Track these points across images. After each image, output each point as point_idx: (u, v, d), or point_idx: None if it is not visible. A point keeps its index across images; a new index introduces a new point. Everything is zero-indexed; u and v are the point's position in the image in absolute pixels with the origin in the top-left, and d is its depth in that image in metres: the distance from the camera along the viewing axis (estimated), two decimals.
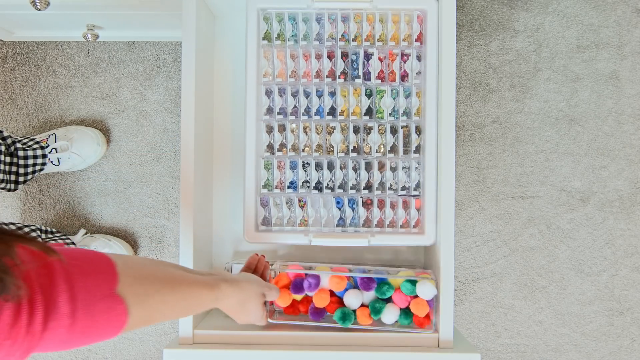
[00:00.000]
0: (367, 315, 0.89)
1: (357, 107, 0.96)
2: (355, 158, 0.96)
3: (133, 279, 0.57)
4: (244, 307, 0.77)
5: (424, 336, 0.88)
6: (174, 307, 0.63)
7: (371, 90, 0.95)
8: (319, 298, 0.89)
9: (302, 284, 0.90)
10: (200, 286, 0.68)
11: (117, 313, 0.54)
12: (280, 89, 0.96)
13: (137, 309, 0.57)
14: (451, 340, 0.87)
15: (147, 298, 0.59)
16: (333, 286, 0.89)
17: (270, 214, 0.95)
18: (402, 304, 0.88)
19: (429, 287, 0.87)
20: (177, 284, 0.64)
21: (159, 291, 0.61)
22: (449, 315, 0.87)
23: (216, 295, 0.71)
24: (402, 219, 0.95)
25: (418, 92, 0.95)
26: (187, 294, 0.65)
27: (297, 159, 0.96)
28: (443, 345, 0.87)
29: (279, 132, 0.96)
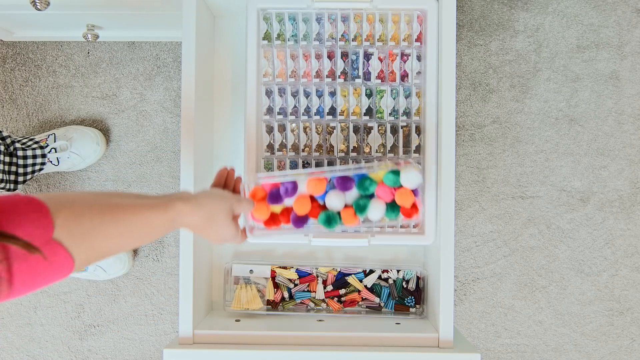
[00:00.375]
0: (352, 215, 0.83)
1: (357, 107, 0.96)
2: (355, 158, 0.96)
3: (67, 219, 0.54)
4: (211, 224, 0.71)
5: (424, 336, 0.88)
6: (121, 238, 0.60)
7: (371, 90, 0.95)
8: (299, 205, 0.83)
9: (278, 193, 0.83)
10: (149, 209, 0.63)
11: (58, 258, 0.52)
12: (280, 89, 0.96)
13: (80, 249, 0.55)
14: (451, 340, 0.87)
15: (87, 236, 0.56)
16: (312, 189, 0.83)
17: None
18: (386, 197, 0.82)
19: (414, 175, 0.81)
20: (120, 213, 0.60)
21: (98, 226, 0.57)
22: (449, 315, 0.87)
23: (171, 217, 0.65)
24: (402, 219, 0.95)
25: (418, 92, 0.95)
26: (133, 221, 0.60)
27: (297, 159, 0.96)
28: (443, 345, 0.87)
29: (279, 132, 0.96)
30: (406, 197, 0.82)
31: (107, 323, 1.20)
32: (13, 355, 1.20)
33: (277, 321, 0.96)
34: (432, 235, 0.91)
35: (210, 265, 1.05)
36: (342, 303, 1.02)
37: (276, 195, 0.83)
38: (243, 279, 1.01)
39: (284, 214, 0.85)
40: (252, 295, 0.99)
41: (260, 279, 1.01)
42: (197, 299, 0.93)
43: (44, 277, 0.52)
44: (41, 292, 1.20)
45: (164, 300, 1.19)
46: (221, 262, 1.06)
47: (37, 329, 1.20)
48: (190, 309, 0.89)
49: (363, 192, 0.83)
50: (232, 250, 1.06)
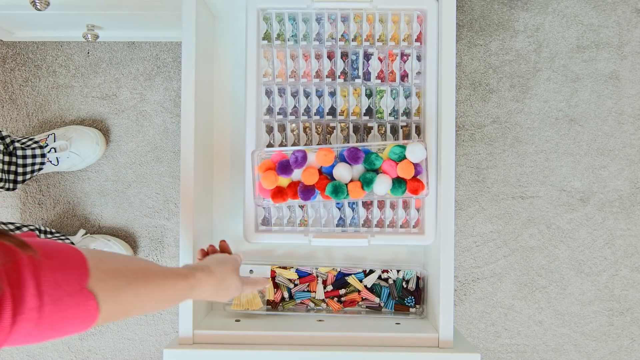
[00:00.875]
0: (359, 187, 0.85)
1: (357, 107, 0.96)
2: None
3: (104, 273, 0.57)
4: (222, 287, 0.76)
5: (423, 336, 0.88)
6: (147, 299, 0.63)
7: (371, 90, 0.95)
8: (307, 175, 0.84)
9: (288, 163, 0.84)
10: (175, 276, 0.68)
11: (87, 308, 0.54)
12: (280, 89, 0.96)
13: (108, 304, 0.57)
14: (451, 340, 0.87)
15: (119, 292, 0.58)
16: (321, 160, 0.84)
17: (270, 214, 0.95)
18: (392, 172, 0.85)
19: (420, 149, 0.84)
20: (151, 276, 0.64)
21: (131, 284, 0.60)
22: (449, 315, 0.87)
23: (191, 284, 0.70)
24: (402, 219, 0.95)
25: (418, 92, 0.95)
26: (160, 285, 0.65)
27: None
28: (443, 345, 0.87)
29: (279, 132, 0.96)
30: (408, 169, 0.85)
31: (107, 323, 1.20)
32: (13, 355, 1.20)
33: (277, 321, 0.96)
34: (432, 235, 0.91)
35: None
36: (342, 303, 1.02)
37: (285, 166, 0.84)
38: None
39: (290, 187, 0.86)
40: (252, 296, 0.99)
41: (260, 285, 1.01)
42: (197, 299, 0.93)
43: (69, 324, 0.54)
44: None
45: None
46: None
47: None
48: (190, 309, 0.89)
49: (369, 167, 0.85)
50: (233, 250, 1.06)
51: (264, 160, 0.86)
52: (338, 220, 0.96)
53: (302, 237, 0.92)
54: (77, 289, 0.53)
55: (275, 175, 0.85)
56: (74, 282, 0.53)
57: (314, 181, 0.85)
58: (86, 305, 0.54)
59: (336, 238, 0.92)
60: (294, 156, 0.84)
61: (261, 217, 0.95)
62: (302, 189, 0.85)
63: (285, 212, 0.96)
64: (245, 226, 0.93)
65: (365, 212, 0.95)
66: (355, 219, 0.95)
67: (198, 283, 0.71)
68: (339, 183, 0.85)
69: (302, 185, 0.85)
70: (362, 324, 0.95)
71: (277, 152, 0.87)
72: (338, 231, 0.95)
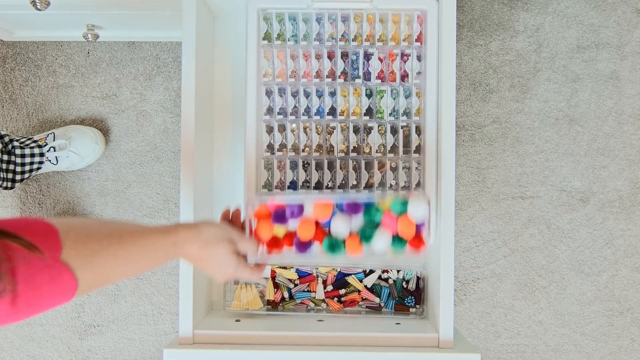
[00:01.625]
0: (357, 243, 0.80)
1: (357, 107, 0.96)
2: (355, 158, 0.96)
3: (76, 241, 0.55)
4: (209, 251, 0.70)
5: (424, 336, 0.88)
6: (126, 261, 0.60)
7: (371, 91, 0.95)
8: (303, 229, 0.81)
9: (284, 214, 0.81)
10: (153, 232, 0.64)
11: (62, 281, 0.53)
12: (281, 89, 0.96)
13: (85, 272, 0.55)
14: (451, 340, 0.87)
15: (94, 257, 0.56)
16: (318, 214, 0.80)
17: None
18: (393, 227, 0.80)
19: (422, 207, 0.79)
20: (126, 235, 0.61)
21: (106, 248, 0.58)
22: (449, 315, 0.87)
23: (173, 240, 0.65)
24: None
25: (418, 92, 0.95)
26: (138, 243, 0.61)
27: (297, 159, 0.96)
28: (443, 345, 0.87)
29: (279, 132, 0.96)
30: (408, 226, 0.79)
31: (107, 323, 1.20)
32: (13, 355, 1.20)
33: (277, 321, 0.96)
34: (433, 236, 0.91)
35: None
36: (342, 303, 1.02)
37: (281, 216, 0.81)
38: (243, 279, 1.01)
39: (286, 238, 0.83)
40: (253, 296, 0.99)
41: (260, 279, 1.01)
42: (197, 299, 0.93)
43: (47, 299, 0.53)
44: None
45: (164, 300, 1.19)
46: None
47: (37, 328, 1.20)
48: (190, 309, 0.89)
49: (369, 220, 0.81)
50: None
51: (260, 205, 0.82)
52: None
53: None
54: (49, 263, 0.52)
55: (270, 224, 0.81)
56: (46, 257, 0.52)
57: (311, 236, 0.81)
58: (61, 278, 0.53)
59: None
60: (290, 209, 0.81)
61: None
62: (298, 244, 0.82)
63: None
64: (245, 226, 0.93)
65: None
66: None
67: (182, 240, 0.66)
68: (335, 240, 0.80)
69: (298, 239, 0.82)
70: (362, 324, 0.95)
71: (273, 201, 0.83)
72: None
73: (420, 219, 0.79)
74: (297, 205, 0.80)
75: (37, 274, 0.51)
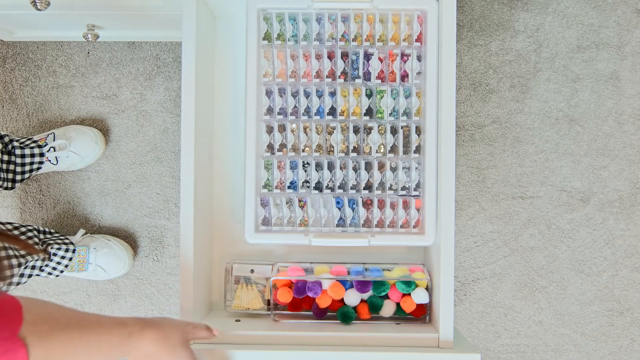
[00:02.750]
0: (366, 311, 0.94)
1: (357, 107, 0.96)
2: (355, 158, 0.96)
3: (37, 317, 0.57)
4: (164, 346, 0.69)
5: (424, 336, 0.88)
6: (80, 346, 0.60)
7: (371, 91, 0.95)
8: (321, 300, 0.94)
9: (304, 288, 0.94)
10: (112, 323, 0.64)
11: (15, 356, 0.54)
12: (281, 89, 0.96)
13: (38, 350, 0.56)
14: (451, 341, 0.87)
15: (50, 337, 0.57)
16: (333, 294, 0.93)
17: (270, 214, 0.95)
18: (398, 299, 0.95)
19: (424, 295, 0.93)
20: (85, 322, 0.62)
21: (65, 329, 0.59)
22: (449, 315, 0.87)
23: (129, 332, 0.65)
24: (402, 219, 0.95)
25: (418, 92, 0.95)
26: (95, 331, 0.62)
27: (297, 159, 0.96)
28: (443, 345, 0.87)
29: (279, 132, 0.96)
30: (410, 305, 0.94)
31: None
32: None
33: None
34: (433, 236, 0.91)
35: (211, 265, 1.05)
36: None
37: (302, 290, 0.94)
38: (244, 279, 1.01)
39: (305, 301, 0.96)
40: (253, 295, 0.99)
41: (261, 279, 1.01)
42: (197, 299, 0.93)
43: None
44: (41, 292, 1.20)
45: (164, 300, 1.19)
46: (222, 262, 1.06)
47: None
48: (191, 309, 0.89)
49: (377, 293, 0.94)
50: (233, 250, 1.06)
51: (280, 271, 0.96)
52: (338, 221, 0.96)
53: (302, 238, 0.92)
54: (6, 336, 0.53)
55: (289, 292, 0.94)
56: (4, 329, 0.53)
57: (328, 304, 0.94)
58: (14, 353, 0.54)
59: (336, 238, 0.92)
60: (309, 288, 0.93)
61: (261, 217, 0.95)
62: (316, 310, 0.95)
63: (286, 212, 0.96)
64: (245, 227, 0.93)
65: (366, 212, 0.95)
66: (356, 219, 0.96)
67: (138, 333, 0.66)
68: (347, 310, 0.93)
69: (316, 306, 0.94)
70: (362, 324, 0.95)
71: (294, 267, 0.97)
72: (338, 231, 0.95)
73: (420, 301, 0.93)
74: (317, 283, 0.94)
75: None
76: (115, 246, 1.14)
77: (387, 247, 1.05)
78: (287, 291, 0.94)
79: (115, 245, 1.14)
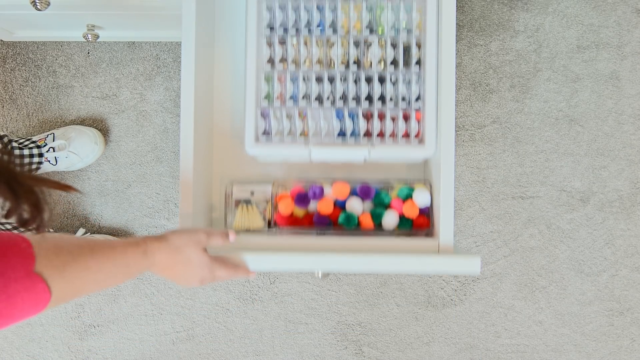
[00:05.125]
0: (369, 219, 0.93)
1: (358, 23, 0.96)
2: (355, 71, 0.96)
3: (49, 252, 0.57)
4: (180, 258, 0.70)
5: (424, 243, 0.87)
6: (98, 272, 0.61)
7: (372, 6, 0.95)
8: (323, 205, 0.92)
9: (306, 195, 0.92)
10: (124, 244, 0.65)
11: (36, 292, 0.54)
12: (281, 5, 0.95)
13: (58, 282, 0.56)
14: (451, 246, 0.85)
15: (67, 268, 0.57)
16: (337, 193, 0.93)
17: (270, 127, 0.95)
18: (400, 209, 0.94)
19: (425, 195, 0.92)
20: (97, 247, 0.62)
21: (77, 259, 0.59)
22: (449, 223, 0.86)
23: (143, 250, 0.66)
24: (403, 131, 0.95)
25: (419, 8, 0.95)
26: (109, 254, 0.63)
27: (298, 72, 0.95)
28: (443, 250, 0.86)
29: (279, 46, 0.95)
30: (412, 209, 0.92)
31: (107, 323, 1.20)
32: (13, 355, 1.20)
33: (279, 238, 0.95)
34: (433, 146, 0.91)
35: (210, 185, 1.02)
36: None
37: (303, 198, 0.92)
38: (244, 201, 1.00)
39: (305, 218, 0.93)
40: (254, 216, 0.98)
41: (261, 202, 1.00)
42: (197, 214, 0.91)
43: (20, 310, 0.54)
44: None
45: (164, 300, 1.19)
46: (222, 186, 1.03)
47: (37, 329, 1.20)
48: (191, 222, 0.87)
49: (379, 203, 0.93)
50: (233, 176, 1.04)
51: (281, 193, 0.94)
52: (339, 133, 0.96)
53: (302, 148, 0.91)
54: (23, 274, 0.53)
55: (292, 203, 0.92)
56: (19, 268, 0.53)
57: (330, 211, 0.92)
58: (35, 289, 0.54)
59: (336, 147, 0.92)
60: (312, 191, 0.93)
61: (262, 129, 0.95)
62: (318, 219, 0.93)
63: (286, 125, 0.95)
64: (245, 137, 0.92)
65: (366, 123, 0.95)
66: (356, 131, 0.96)
67: (151, 250, 0.68)
68: (350, 213, 0.92)
69: (318, 214, 0.93)
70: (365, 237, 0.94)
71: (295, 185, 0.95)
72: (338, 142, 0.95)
73: (423, 204, 0.91)
74: (319, 187, 0.92)
75: (11, 284, 0.52)
76: None
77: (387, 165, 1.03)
78: (289, 202, 0.92)
79: None
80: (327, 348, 1.20)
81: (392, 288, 1.19)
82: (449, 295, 1.19)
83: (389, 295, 1.19)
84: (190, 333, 1.20)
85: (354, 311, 1.19)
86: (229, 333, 1.20)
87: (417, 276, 1.19)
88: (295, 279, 1.19)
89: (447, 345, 1.19)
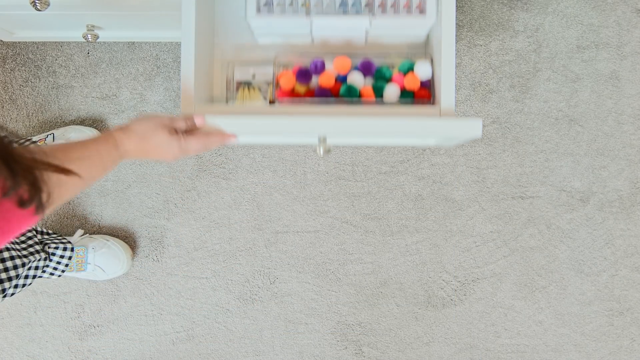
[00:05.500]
0: (370, 91, 0.93)
1: None
2: None
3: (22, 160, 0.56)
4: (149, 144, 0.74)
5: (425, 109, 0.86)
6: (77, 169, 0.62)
7: None
8: (324, 78, 0.92)
9: (307, 71, 0.92)
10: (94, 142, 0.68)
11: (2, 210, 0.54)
12: None
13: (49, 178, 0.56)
14: (452, 110, 0.85)
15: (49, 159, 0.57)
16: (338, 67, 0.92)
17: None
18: (402, 82, 0.93)
19: (427, 67, 0.91)
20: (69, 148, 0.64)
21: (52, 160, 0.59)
22: (450, 89, 0.85)
23: (113, 143, 0.70)
24: (404, 3, 0.95)
25: None
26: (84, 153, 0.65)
27: None
28: (445, 113, 0.85)
29: None
30: (413, 81, 0.92)
31: (107, 323, 1.20)
32: (13, 356, 1.20)
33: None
34: (434, 15, 0.91)
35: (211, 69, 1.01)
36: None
37: (305, 73, 0.92)
38: (245, 83, 0.99)
39: (307, 94, 0.93)
40: (254, 96, 0.97)
41: (262, 84, 0.99)
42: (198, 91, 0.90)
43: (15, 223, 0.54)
44: (41, 292, 1.20)
45: (163, 300, 1.19)
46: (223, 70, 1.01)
47: (37, 329, 1.20)
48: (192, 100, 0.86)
49: (380, 77, 0.93)
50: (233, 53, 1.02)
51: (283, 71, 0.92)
52: (340, 5, 0.95)
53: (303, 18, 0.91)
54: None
55: (293, 78, 0.92)
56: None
57: (331, 85, 0.92)
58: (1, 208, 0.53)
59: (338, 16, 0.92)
60: (313, 64, 0.92)
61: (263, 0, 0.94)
62: (319, 91, 0.92)
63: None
64: (247, 5, 0.91)
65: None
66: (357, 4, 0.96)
67: (120, 141, 0.71)
68: (352, 85, 0.92)
69: (319, 87, 0.92)
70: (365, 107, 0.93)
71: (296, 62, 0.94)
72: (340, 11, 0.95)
73: (424, 76, 0.92)
74: (320, 61, 0.92)
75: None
76: (113, 246, 1.14)
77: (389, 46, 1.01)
78: (290, 77, 0.92)
79: (114, 246, 1.14)
80: (327, 348, 1.20)
81: (392, 288, 1.19)
82: (449, 295, 1.19)
83: (388, 295, 1.19)
84: (190, 333, 1.20)
85: (353, 311, 1.19)
86: (228, 333, 1.20)
87: (417, 276, 1.19)
88: (295, 279, 1.19)
89: (447, 345, 1.19)
